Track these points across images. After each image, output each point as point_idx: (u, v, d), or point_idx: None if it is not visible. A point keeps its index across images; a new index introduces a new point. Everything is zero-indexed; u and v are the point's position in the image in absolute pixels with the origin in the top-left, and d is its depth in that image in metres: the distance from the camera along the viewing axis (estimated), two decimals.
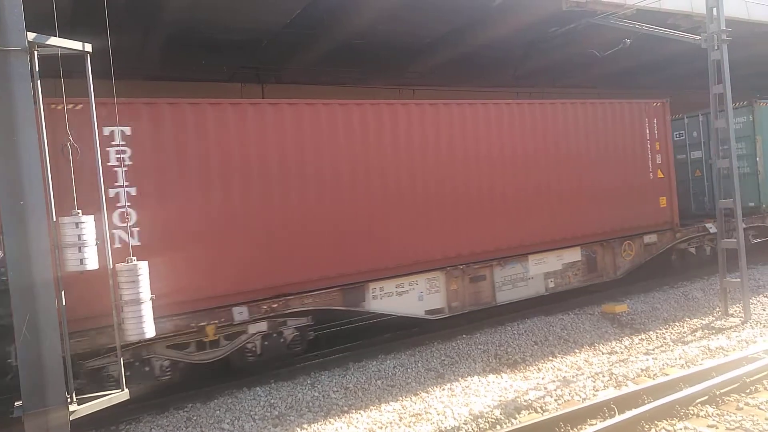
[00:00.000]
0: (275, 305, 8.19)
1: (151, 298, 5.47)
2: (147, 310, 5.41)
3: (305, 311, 8.50)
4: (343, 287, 8.72)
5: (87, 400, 5.19)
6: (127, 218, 5.66)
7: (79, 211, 5.14)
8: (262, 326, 8.24)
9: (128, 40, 10.27)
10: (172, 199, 7.54)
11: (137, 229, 7.27)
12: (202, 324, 7.71)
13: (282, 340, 8.45)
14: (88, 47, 5.22)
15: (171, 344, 7.69)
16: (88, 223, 5.13)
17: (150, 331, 5.46)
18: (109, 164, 7.04)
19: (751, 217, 13.61)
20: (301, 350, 8.70)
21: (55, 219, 5.05)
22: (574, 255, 11.11)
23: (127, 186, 7.21)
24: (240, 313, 7.93)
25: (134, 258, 5.41)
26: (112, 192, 7.04)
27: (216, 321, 7.80)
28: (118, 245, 6.88)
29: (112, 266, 5.36)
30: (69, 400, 5.01)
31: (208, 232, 7.73)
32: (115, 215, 7.05)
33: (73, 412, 5.00)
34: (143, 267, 5.40)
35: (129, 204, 7.20)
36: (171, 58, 11.88)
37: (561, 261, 10.95)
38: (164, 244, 7.35)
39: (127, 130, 7.27)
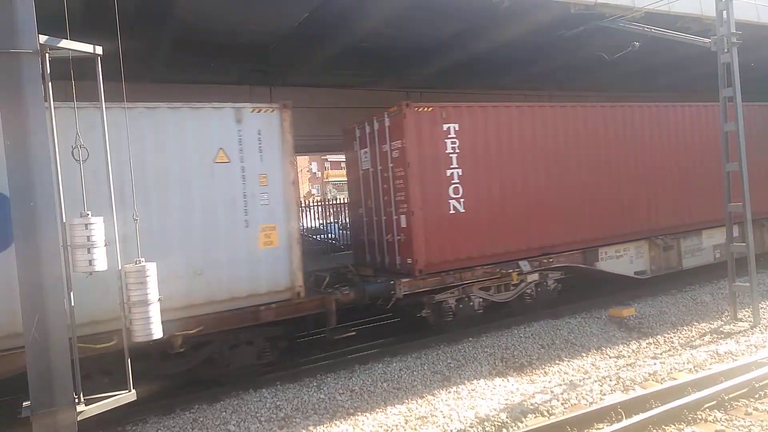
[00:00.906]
0: (544, 260, 10.83)
1: (159, 299, 5.50)
2: (155, 311, 5.44)
3: (558, 267, 11.04)
4: (583, 250, 11.39)
5: (94, 400, 5.23)
6: (136, 218, 5.70)
7: (89, 212, 5.19)
8: (535, 276, 10.78)
9: (137, 43, 10.33)
10: (483, 177, 10.23)
11: (462, 200, 9.91)
12: (508, 271, 10.30)
13: (548, 288, 11.03)
14: (99, 50, 5.27)
15: (481, 287, 10.20)
16: (98, 224, 5.17)
17: (157, 332, 5.49)
18: (446, 152, 9.92)
19: None
20: (558, 297, 11.25)
21: (65, 220, 5.10)
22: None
23: (455, 168, 9.92)
24: (525, 265, 10.47)
25: (143, 259, 5.45)
26: (447, 172, 9.88)
27: (511, 270, 10.35)
28: (452, 211, 9.85)
29: (120, 267, 5.40)
30: (77, 400, 5.05)
31: (506, 204, 10.44)
32: (450, 189, 9.86)
33: (81, 412, 5.04)
34: (151, 268, 5.43)
35: (457, 181, 9.96)
36: (179, 61, 11.94)
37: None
38: (480, 212, 10.12)
39: (456, 126, 9.98)
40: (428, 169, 9.68)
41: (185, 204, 7.74)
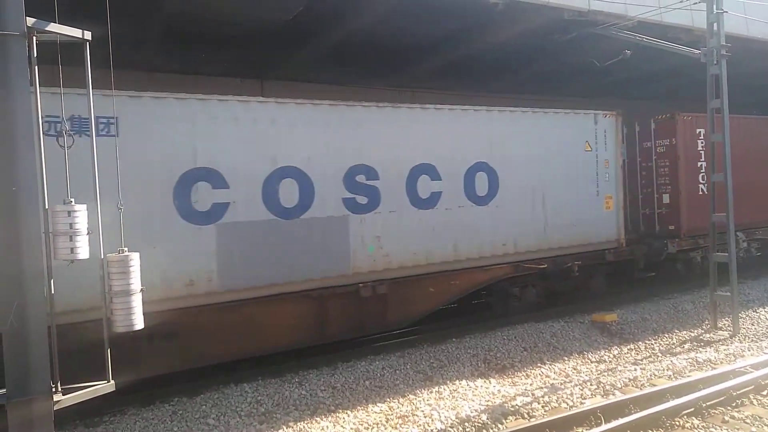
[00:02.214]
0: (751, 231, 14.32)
1: (141, 289, 5.43)
2: (137, 302, 5.36)
3: (757, 238, 14.29)
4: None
5: (72, 390, 5.15)
6: (120, 207, 5.62)
7: (72, 199, 5.10)
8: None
9: (126, 31, 10.20)
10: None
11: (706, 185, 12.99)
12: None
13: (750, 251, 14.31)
14: (88, 35, 5.18)
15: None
16: (81, 211, 5.08)
17: (139, 322, 5.41)
18: (698, 149, 13.38)
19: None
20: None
21: (47, 207, 5.01)
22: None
23: (702, 161, 13.36)
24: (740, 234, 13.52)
25: (125, 249, 5.37)
26: (698, 164, 13.42)
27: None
28: (699, 192, 13.27)
29: (103, 256, 5.31)
30: (54, 389, 4.97)
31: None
32: (699, 176, 13.43)
33: (58, 402, 4.95)
34: (134, 258, 5.36)
35: (703, 171, 13.39)
36: (170, 50, 11.82)
37: None
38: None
39: (703, 130, 13.01)
40: (688, 162, 13.25)
41: (568, 179, 11.36)
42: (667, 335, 10.18)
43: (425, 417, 6.82)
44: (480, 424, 6.55)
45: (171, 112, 7.73)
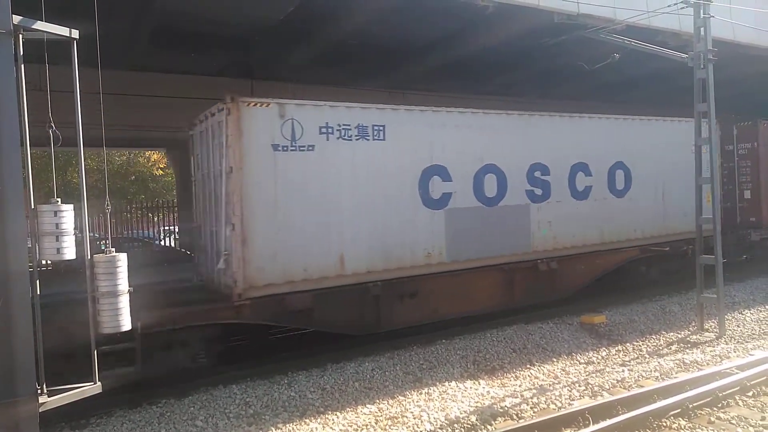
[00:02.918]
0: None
1: (129, 290, 5.39)
2: (124, 303, 5.32)
3: None
4: None
5: (58, 392, 5.09)
6: (108, 208, 5.58)
7: (59, 199, 5.05)
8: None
9: (117, 29, 10.14)
10: None
11: None
12: None
13: None
14: (75, 33, 5.13)
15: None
16: (68, 212, 5.04)
17: (126, 323, 5.37)
18: None
19: None
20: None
21: (33, 206, 4.96)
22: None
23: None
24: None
25: (113, 249, 5.33)
26: None
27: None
28: None
29: (89, 257, 5.27)
30: (39, 391, 4.92)
31: None
32: None
33: (43, 403, 4.90)
34: (122, 259, 5.32)
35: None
36: (160, 50, 11.75)
37: None
38: None
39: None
40: (762, 162, 15.21)
41: (680, 176, 12.78)
42: (654, 336, 10.26)
43: (414, 418, 6.82)
44: (469, 426, 6.56)
45: (416, 120, 9.84)
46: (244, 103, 8.12)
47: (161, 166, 27.94)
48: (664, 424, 6.25)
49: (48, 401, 4.95)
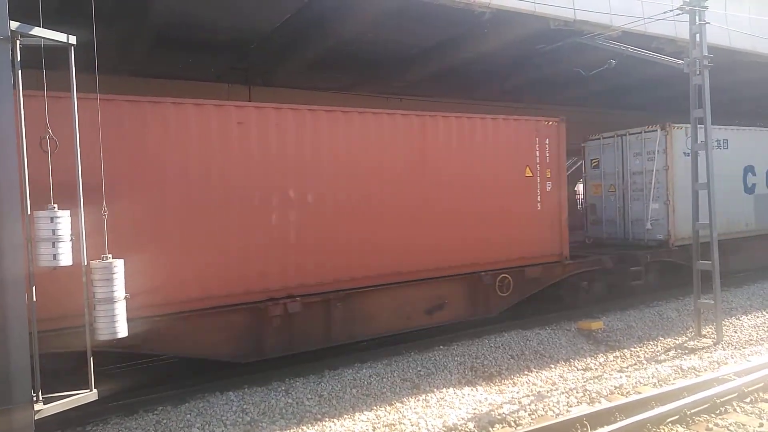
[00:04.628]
0: None
1: (126, 297, 5.36)
2: (120, 309, 5.29)
3: None
4: None
5: (54, 399, 5.06)
6: (104, 213, 5.55)
7: (55, 205, 5.03)
8: None
9: (114, 35, 10.15)
10: None
11: None
12: None
13: None
14: (73, 39, 5.13)
15: None
16: (64, 218, 5.02)
17: (123, 330, 5.34)
18: None
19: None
20: None
21: (30, 212, 4.94)
22: None
23: None
24: None
25: (110, 255, 5.30)
26: None
27: None
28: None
29: (86, 263, 5.24)
30: (35, 398, 4.88)
31: None
32: None
33: (39, 411, 4.86)
34: (119, 265, 5.29)
35: None
36: (158, 55, 11.76)
37: None
38: None
39: None
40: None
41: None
42: (652, 343, 10.26)
43: (412, 425, 6.79)
44: None
45: (743, 137, 14.92)
46: (672, 128, 12.97)
47: None
48: (663, 430, 6.24)
49: (44, 408, 4.92)
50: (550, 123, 11.31)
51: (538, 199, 11.11)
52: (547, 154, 11.19)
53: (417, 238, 9.57)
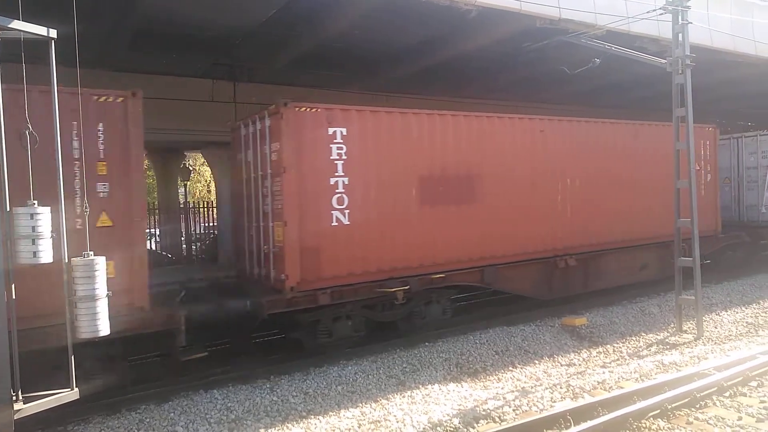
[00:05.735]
0: None
1: (108, 294, 5.30)
2: (102, 307, 5.23)
3: None
4: None
5: (34, 398, 4.99)
6: (86, 210, 5.47)
7: (35, 201, 4.96)
8: None
9: (97, 29, 10.01)
10: None
11: None
12: None
13: None
14: (53, 33, 5.06)
15: None
16: (44, 214, 4.95)
17: (105, 328, 5.28)
18: None
19: None
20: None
21: (9, 209, 4.86)
22: None
23: None
24: None
25: (91, 252, 5.24)
26: None
27: None
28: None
29: (67, 260, 5.17)
30: (15, 398, 4.81)
31: None
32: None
33: (18, 410, 4.80)
34: (100, 262, 5.23)
35: None
36: (142, 50, 11.61)
37: None
38: None
39: None
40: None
41: None
42: (634, 338, 10.39)
43: (397, 422, 6.81)
44: (452, 429, 6.57)
45: None
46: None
47: None
48: (644, 425, 6.32)
49: (24, 408, 4.85)
50: (710, 129, 15.18)
51: (703, 186, 14.61)
52: (707, 153, 14.97)
53: (637, 209, 13.09)
